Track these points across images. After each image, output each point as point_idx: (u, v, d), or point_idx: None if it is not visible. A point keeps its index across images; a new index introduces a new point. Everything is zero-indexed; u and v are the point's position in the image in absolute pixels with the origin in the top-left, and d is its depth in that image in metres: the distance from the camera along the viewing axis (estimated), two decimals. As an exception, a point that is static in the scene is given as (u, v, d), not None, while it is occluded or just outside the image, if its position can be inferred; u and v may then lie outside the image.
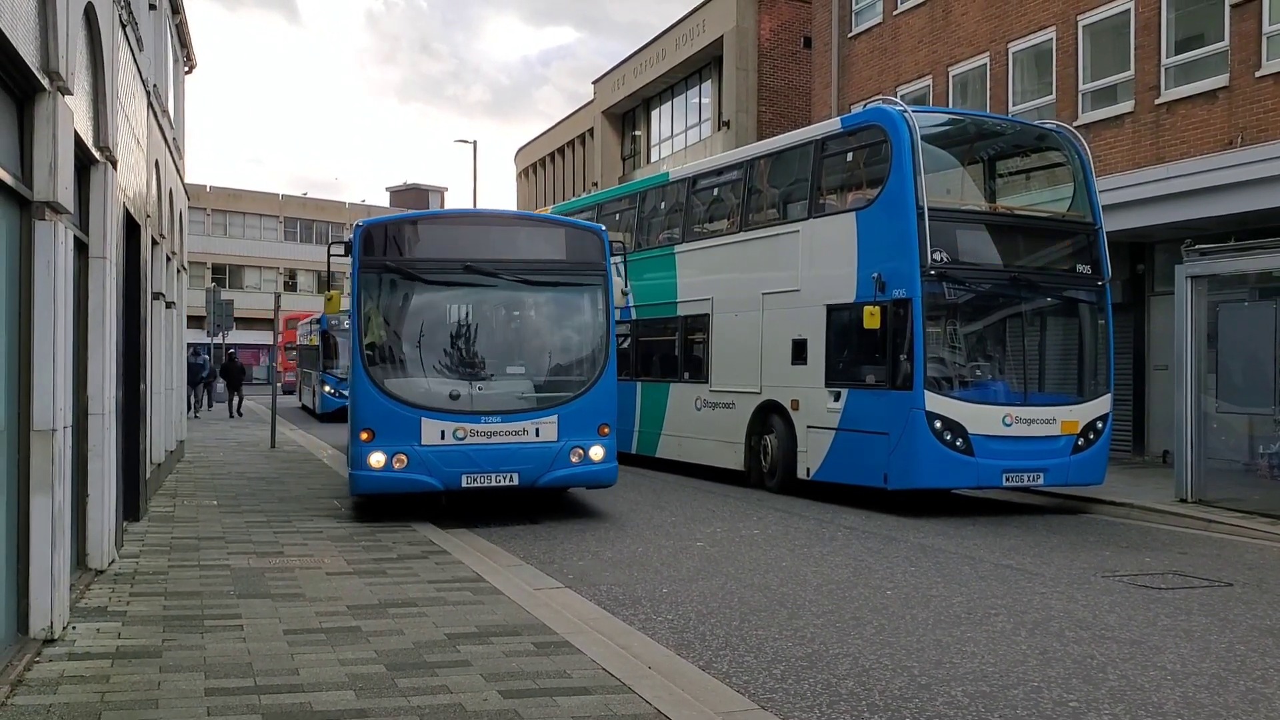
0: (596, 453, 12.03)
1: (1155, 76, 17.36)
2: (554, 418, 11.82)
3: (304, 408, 36.40)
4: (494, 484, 11.55)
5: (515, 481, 11.60)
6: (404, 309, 12.24)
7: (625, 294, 12.43)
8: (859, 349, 13.30)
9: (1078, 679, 6.16)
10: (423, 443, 11.34)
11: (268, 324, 29.70)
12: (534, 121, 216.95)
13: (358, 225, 11.76)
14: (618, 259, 13.02)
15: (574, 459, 11.86)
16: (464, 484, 11.45)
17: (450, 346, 12.28)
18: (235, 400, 33.59)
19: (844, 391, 13.49)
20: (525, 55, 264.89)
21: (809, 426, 14.09)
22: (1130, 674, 6.26)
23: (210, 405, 34.86)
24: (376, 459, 11.24)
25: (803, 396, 14.23)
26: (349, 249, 11.98)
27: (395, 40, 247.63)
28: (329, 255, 12.32)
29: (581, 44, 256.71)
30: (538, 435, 11.71)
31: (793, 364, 14.42)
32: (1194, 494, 13.09)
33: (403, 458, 11.32)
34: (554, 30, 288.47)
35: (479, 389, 11.80)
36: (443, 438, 11.37)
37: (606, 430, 12.12)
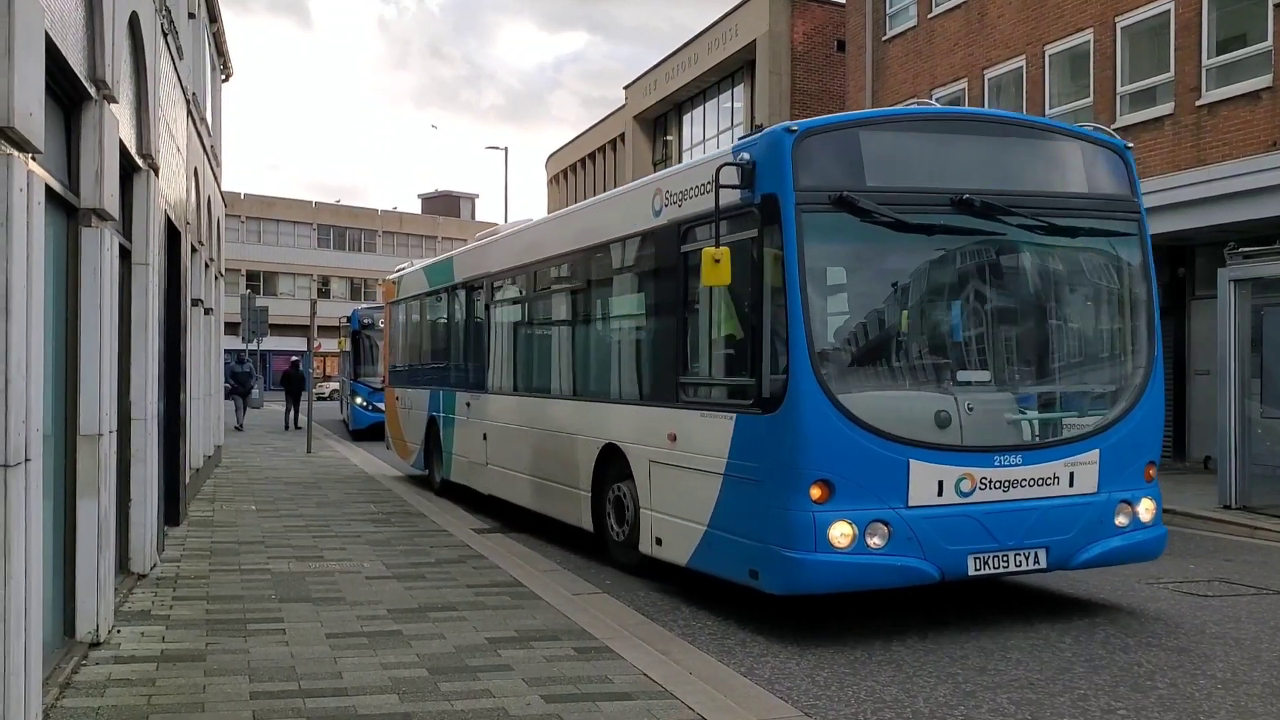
0: (1146, 509, 7.82)
1: (1196, 78, 17.15)
2: (1093, 454, 7.52)
3: (344, 422, 32.21)
4: (1012, 568, 7.31)
5: (1041, 563, 7.38)
6: (865, 274, 7.72)
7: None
8: None
9: (1125, 686, 6.07)
10: (911, 503, 6.97)
11: (302, 330, 29.61)
12: (549, 125, 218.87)
13: (786, 131, 7.09)
14: None
15: (1120, 521, 7.67)
16: (971, 570, 7.15)
17: (935, 338, 7.70)
18: (293, 412, 30.84)
19: None
20: (539, 60, 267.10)
21: None
22: (1179, 682, 6.17)
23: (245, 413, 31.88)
24: (841, 533, 6.79)
25: None
26: (746, 175, 7.24)
27: (406, 45, 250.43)
28: (717, 186, 7.19)
29: (593, 48, 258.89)
30: (1071, 484, 7.43)
31: None
32: (1238, 500, 12.90)
33: (883, 529, 6.91)
34: (567, 35, 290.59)
35: (972, 409, 7.29)
36: (940, 493, 7.03)
37: (1153, 472, 7.92)
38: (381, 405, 25.13)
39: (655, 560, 8.70)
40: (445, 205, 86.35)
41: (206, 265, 16.31)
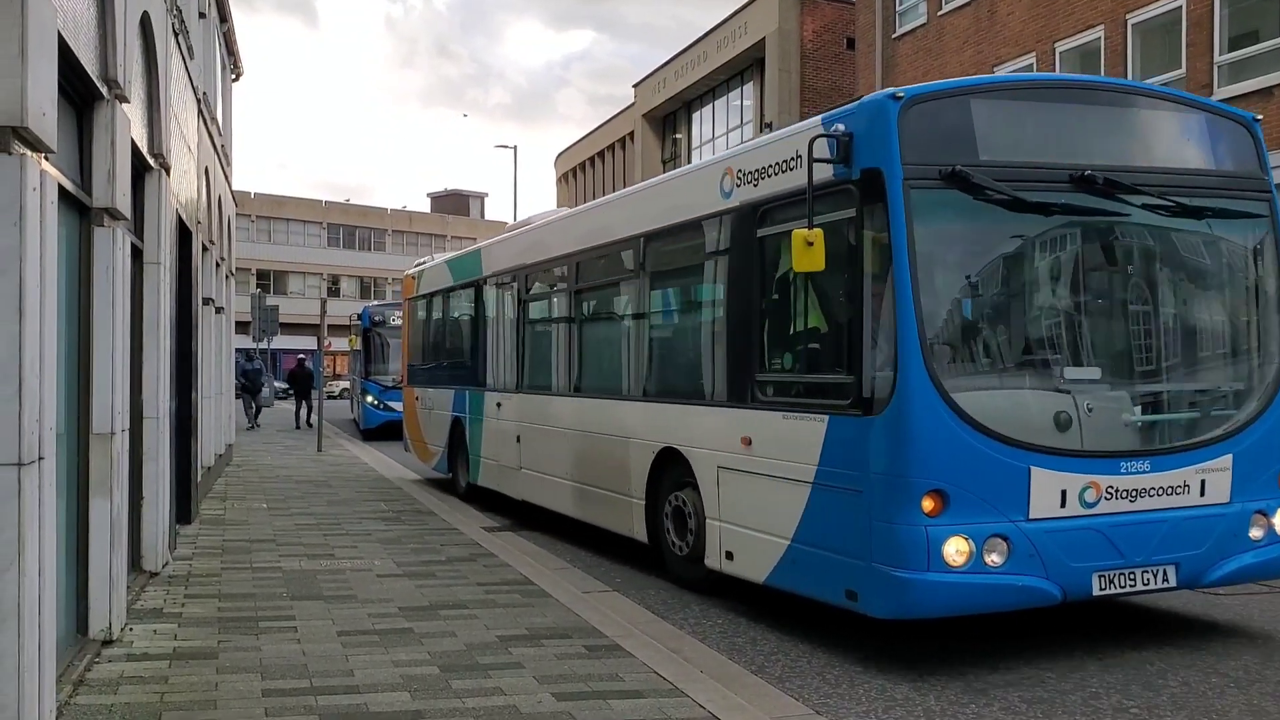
0: None
1: (1208, 74, 17.09)
2: (1225, 460, 6.80)
3: (354, 421, 31.17)
4: (1139, 587, 6.58)
5: (1171, 581, 6.65)
6: (976, 258, 6.81)
7: None
8: None
9: (1137, 685, 6.06)
10: (1032, 515, 6.26)
11: (312, 329, 29.63)
12: (556, 124, 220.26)
13: (891, 98, 6.38)
14: None
15: (1255, 534, 6.90)
16: (1096, 590, 6.44)
17: (1053, 330, 6.87)
18: (304, 410, 30.37)
19: None
20: (546, 58, 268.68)
21: None
22: (1192, 680, 6.15)
23: (259, 411, 31.55)
24: (956, 549, 6.10)
25: None
26: (842, 148, 6.53)
27: (413, 44, 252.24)
28: (810, 161, 6.48)
29: (600, 46, 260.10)
30: (1202, 494, 6.72)
31: None
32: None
33: (1002, 545, 6.20)
34: (574, 34, 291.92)
35: (1092, 409, 6.56)
36: (1063, 504, 6.33)
37: None
38: (393, 404, 24.98)
39: (724, 576, 7.97)
40: (454, 204, 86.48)
41: (217, 264, 16.36)
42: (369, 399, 27.25)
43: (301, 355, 33.72)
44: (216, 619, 7.17)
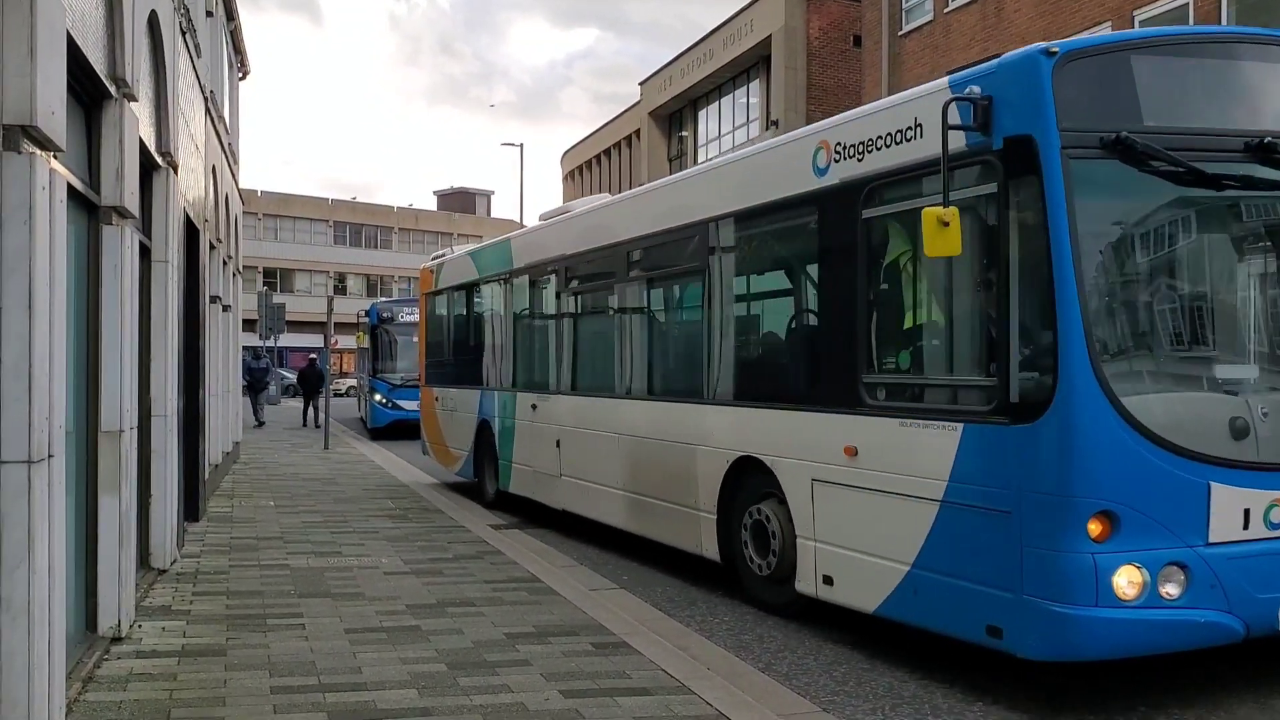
0: None
1: (1214, 71, 17.08)
2: None
3: (362, 419, 30.97)
4: None
5: None
6: (1141, 240, 5.95)
7: None
8: None
9: (1145, 681, 6.05)
10: (1211, 539, 5.45)
11: (318, 327, 29.57)
12: (560, 122, 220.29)
13: (1044, 54, 5.51)
14: None
15: None
16: None
17: (1227, 324, 6.08)
18: (312, 410, 29.22)
19: None
20: (550, 56, 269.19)
21: None
22: (1200, 678, 6.14)
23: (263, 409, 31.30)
24: (1129, 580, 5.30)
25: None
26: (980, 113, 5.65)
27: (417, 42, 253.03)
28: (945, 128, 5.60)
29: (604, 44, 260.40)
30: None
31: None
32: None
33: (1179, 574, 5.40)
34: (578, 32, 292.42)
35: (1267, 414, 5.70)
36: (1246, 525, 5.53)
37: None
38: (402, 403, 24.90)
39: (818, 602, 7.12)
40: (461, 202, 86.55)
41: (224, 262, 16.39)
42: (377, 397, 26.65)
43: (312, 355, 33.57)
44: (225, 616, 7.20)
